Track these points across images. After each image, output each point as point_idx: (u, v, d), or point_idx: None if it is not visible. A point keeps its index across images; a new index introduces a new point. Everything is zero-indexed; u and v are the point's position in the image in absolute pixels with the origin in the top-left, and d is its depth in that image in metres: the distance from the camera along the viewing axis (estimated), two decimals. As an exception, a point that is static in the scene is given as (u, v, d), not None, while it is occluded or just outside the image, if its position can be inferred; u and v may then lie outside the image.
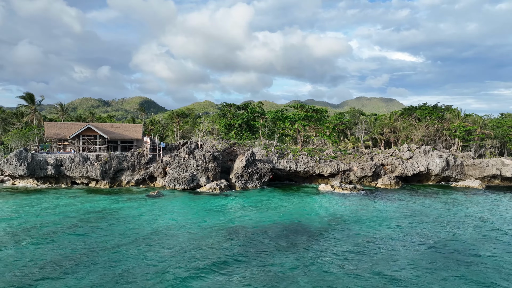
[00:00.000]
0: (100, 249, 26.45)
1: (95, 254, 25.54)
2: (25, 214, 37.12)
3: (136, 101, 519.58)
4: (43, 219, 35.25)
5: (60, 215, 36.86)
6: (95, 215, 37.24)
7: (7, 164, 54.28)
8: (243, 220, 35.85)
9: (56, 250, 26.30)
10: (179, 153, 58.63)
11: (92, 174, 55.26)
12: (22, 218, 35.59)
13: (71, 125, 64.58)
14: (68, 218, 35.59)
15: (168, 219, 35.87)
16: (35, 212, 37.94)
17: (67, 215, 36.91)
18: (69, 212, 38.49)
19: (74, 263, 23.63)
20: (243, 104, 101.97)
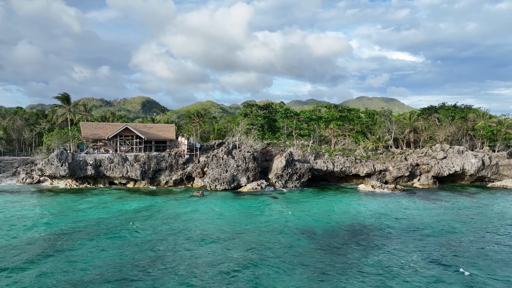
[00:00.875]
0: (170, 250, 26.54)
1: (170, 254, 25.64)
2: (85, 212, 37.25)
3: (138, 101, 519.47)
4: (106, 217, 35.32)
5: (117, 213, 36.95)
6: (150, 214, 37.31)
7: (48, 165, 54.37)
8: (303, 221, 35.90)
9: (130, 250, 26.39)
10: (217, 154, 58.73)
11: (132, 175, 55.36)
12: (85, 215, 35.70)
13: (106, 125, 64.63)
14: (125, 216, 35.67)
15: (227, 218, 35.94)
16: (96, 211, 38.02)
17: (123, 214, 37.00)
18: (125, 211, 38.59)
19: (155, 262, 23.73)
20: (264, 104, 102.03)
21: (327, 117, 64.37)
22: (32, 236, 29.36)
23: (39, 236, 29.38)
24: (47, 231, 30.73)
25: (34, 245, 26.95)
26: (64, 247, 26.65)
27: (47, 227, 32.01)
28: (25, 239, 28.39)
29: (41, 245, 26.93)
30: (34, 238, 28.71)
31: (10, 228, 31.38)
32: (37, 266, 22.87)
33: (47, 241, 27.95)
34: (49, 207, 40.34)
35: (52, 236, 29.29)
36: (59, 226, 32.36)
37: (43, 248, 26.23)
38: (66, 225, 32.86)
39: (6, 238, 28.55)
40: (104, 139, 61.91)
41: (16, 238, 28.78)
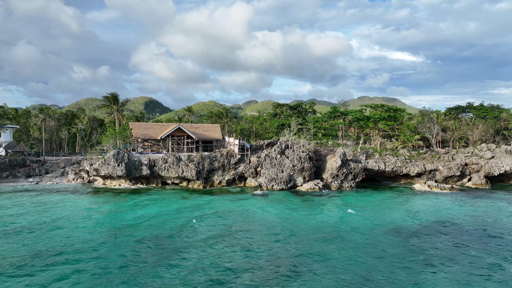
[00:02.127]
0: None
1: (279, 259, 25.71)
2: (166, 213, 37.35)
3: (141, 101, 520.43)
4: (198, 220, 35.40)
5: (196, 213, 37.02)
6: (231, 215, 37.39)
7: (105, 165, 54.49)
8: (379, 221, 35.92)
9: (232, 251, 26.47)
10: (269, 153, 58.81)
11: (188, 175, 55.44)
12: (169, 216, 35.79)
13: (154, 125, 64.77)
14: (207, 215, 35.76)
15: (307, 217, 36.01)
16: (176, 211, 38.10)
17: (202, 213, 37.08)
18: (202, 210, 38.67)
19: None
20: (295, 104, 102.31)
21: (376, 117, 64.34)
22: (143, 235, 29.50)
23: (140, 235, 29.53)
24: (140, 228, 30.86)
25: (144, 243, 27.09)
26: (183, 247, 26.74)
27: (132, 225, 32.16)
28: (132, 240, 28.52)
29: (148, 243, 27.08)
30: (145, 238, 28.84)
31: (95, 230, 31.53)
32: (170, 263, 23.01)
33: (149, 236, 28.08)
34: (125, 207, 40.45)
35: (155, 235, 29.41)
36: (162, 228, 32.48)
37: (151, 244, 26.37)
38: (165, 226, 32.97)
39: (108, 245, 28.68)
40: (153, 139, 62.02)
41: (120, 246, 28.89)
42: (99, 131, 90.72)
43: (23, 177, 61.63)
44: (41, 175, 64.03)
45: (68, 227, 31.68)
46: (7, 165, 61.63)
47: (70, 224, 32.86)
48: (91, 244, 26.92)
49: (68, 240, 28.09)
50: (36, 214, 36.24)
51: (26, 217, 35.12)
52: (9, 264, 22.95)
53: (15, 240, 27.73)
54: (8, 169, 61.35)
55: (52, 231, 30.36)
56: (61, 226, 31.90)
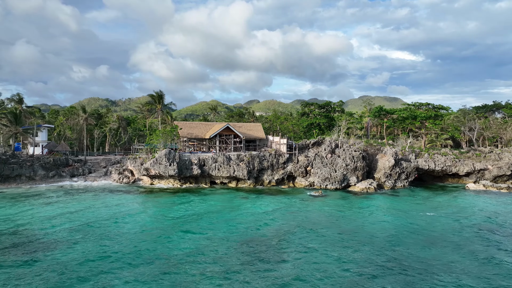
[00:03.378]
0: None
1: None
2: (252, 214, 36.78)
3: (144, 101, 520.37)
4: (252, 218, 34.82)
5: (261, 214, 36.45)
6: (298, 215, 36.83)
7: (156, 164, 53.96)
8: (466, 221, 35.35)
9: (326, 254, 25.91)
10: (319, 153, 58.24)
11: (239, 174, 54.89)
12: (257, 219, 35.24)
13: (199, 124, 64.20)
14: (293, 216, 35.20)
15: (396, 220, 35.42)
16: (262, 213, 37.52)
17: (280, 213, 36.52)
18: (262, 211, 38.13)
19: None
20: (324, 103, 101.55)
21: (423, 115, 63.71)
22: (228, 237, 28.94)
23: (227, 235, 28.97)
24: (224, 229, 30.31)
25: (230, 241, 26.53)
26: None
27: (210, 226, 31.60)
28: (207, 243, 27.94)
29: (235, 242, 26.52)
30: (231, 239, 28.29)
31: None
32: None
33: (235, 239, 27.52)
34: (198, 208, 39.90)
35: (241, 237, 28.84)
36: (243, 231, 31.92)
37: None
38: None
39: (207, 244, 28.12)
40: (199, 138, 61.46)
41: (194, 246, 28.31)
42: (129, 131, 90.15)
43: (68, 177, 61.12)
44: (85, 174, 63.50)
45: (161, 231, 31.14)
46: (52, 165, 61.12)
47: (161, 228, 32.32)
48: (211, 248, 26.16)
49: (182, 245, 27.55)
50: (113, 218, 35.70)
51: (108, 220, 34.61)
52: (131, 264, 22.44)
53: (130, 243, 27.22)
54: (53, 168, 60.82)
55: (146, 239, 29.84)
56: (160, 234, 31.31)
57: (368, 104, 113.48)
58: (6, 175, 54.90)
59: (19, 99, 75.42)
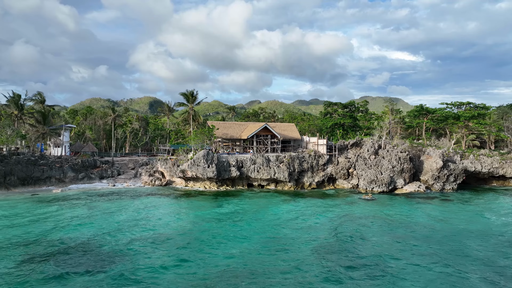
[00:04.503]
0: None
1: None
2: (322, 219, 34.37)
3: (145, 101, 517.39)
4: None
5: (326, 220, 34.02)
6: (357, 220, 34.42)
7: (194, 166, 51.54)
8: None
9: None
10: (361, 154, 55.80)
11: (280, 176, 52.45)
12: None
13: (233, 124, 61.75)
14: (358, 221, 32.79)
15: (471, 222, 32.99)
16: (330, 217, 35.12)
17: (346, 219, 34.11)
18: (330, 217, 35.72)
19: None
20: (348, 103, 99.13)
21: (467, 115, 61.26)
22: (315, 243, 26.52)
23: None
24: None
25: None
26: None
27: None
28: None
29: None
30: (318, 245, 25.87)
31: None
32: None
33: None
34: (251, 211, 37.49)
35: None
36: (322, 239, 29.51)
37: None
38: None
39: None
40: (234, 139, 59.04)
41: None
42: (149, 131, 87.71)
43: (97, 179, 58.74)
44: (113, 176, 61.12)
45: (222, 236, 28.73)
46: (80, 166, 58.73)
47: (222, 233, 29.91)
48: (293, 257, 23.90)
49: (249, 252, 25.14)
50: (170, 225, 33.29)
51: (165, 226, 32.20)
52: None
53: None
54: (81, 170, 58.43)
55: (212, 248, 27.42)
56: (222, 241, 28.91)
57: (391, 104, 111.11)
58: (37, 177, 52.51)
59: (42, 99, 72.98)
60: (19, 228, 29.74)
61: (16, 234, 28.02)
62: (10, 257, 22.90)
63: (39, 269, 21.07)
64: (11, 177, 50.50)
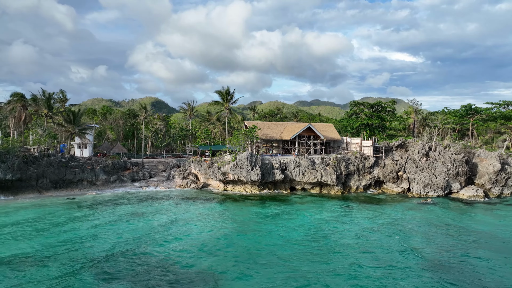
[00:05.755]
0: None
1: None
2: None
3: (148, 101, 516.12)
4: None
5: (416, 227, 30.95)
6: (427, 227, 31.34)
7: (237, 168, 48.51)
8: None
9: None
10: (411, 156, 52.75)
11: (327, 179, 49.41)
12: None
13: (271, 125, 58.67)
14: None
15: None
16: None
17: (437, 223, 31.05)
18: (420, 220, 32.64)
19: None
20: (375, 103, 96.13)
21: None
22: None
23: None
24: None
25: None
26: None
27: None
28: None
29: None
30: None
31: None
32: None
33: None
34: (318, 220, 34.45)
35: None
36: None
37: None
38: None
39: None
40: (275, 140, 56.00)
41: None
42: (172, 132, 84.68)
43: (128, 181, 55.75)
44: (145, 179, 58.10)
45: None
46: (111, 168, 55.72)
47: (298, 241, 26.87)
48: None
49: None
50: (231, 235, 30.26)
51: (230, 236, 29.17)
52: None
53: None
54: (113, 172, 55.43)
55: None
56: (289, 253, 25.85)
57: (415, 104, 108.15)
58: (69, 179, 49.53)
59: (64, 98, 69.98)
60: (71, 237, 26.73)
61: (73, 245, 25.02)
62: (82, 267, 19.90)
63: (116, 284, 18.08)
64: (43, 180, 47.57)
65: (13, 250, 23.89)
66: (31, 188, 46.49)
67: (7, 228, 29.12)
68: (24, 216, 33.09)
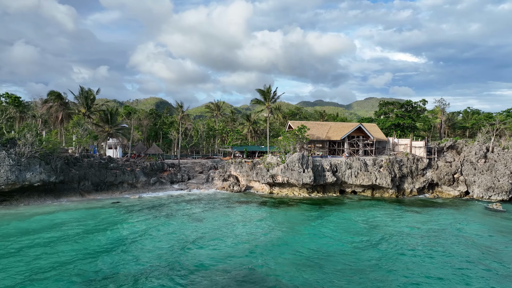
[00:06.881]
0: None
1: None
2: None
3: (152, 102, 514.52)
4: None
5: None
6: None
7: (288, 170, 46.07)
8: None
9: None
10: (467, 158, 50.09)
11: (382, 182, 46.87)
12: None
13: (316, 124, 56.20)
14: None
15: None
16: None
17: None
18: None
19: None
20: (405, 102, 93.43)
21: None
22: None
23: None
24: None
25: None
26: None
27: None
28: None
29: None
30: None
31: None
32: None
33: None
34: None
35: None
36: None
37: None
38: None
39: None
40: (320, 140, 53.53)
41: None
42: (200, 132, 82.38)
43: (168, 183, 53.47)
44: (184, 181, 55.84)
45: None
46: (150, 170, 53.48)
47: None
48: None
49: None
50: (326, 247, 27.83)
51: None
52: None
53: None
54: (152, 174, 53.21)
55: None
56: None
57: (443, 104, 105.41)
58: (110, 182, 47.30)
59: (93, 97, 67.74)
60: (144, 247, 24.42)
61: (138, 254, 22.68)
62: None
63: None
64: (85, 182, 45.38)
65: (91, 268, 21.61)
66: (73, 191, 44.32)
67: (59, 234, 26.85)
68: (81, 223, 30.84)
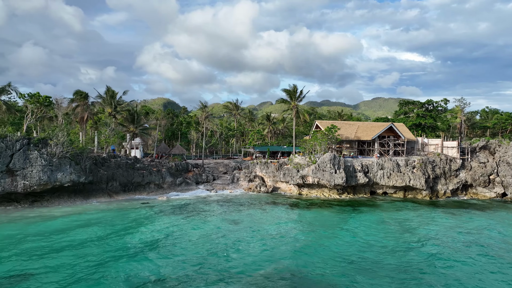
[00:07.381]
0: None
1: None
2: None
3: (159, 102, 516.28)
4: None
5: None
6: None
7: (319, 171, 44.99)
8: None
9: None
10: (503, 158, 48.53)
11: (416, 183, 45.53)
12: None
13: (344, 124, 55.00)
14: None
15: None
16: None
17: None
18: None
19: None
20: (426, 101, 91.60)
21: None
22: None
23: None
24: None
25: None
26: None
27: None
28: None
29: None
30: None
31: None
32: None
33: None
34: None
35: None
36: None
37: None
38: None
39: None
40: (349, 140, 52.35)
41: None
42: (219, 132, 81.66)
43: (193, 184, 52.77)
44: (209, 181, 55.12)
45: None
46: (175, 170, 52.83)
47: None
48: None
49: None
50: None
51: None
52: None
53: None
54: (177, 175, 52.54)
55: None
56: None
57: (463, 104, 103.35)
58: (137, 182, 46.69)
59: (112, 94, 67.22)
60: (193, 251, 23.57)
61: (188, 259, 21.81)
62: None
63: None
64: (113, 183, 44.80)
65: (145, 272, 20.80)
66: (101, 192, 43.76)
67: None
68: (115, 224, 30.14)
